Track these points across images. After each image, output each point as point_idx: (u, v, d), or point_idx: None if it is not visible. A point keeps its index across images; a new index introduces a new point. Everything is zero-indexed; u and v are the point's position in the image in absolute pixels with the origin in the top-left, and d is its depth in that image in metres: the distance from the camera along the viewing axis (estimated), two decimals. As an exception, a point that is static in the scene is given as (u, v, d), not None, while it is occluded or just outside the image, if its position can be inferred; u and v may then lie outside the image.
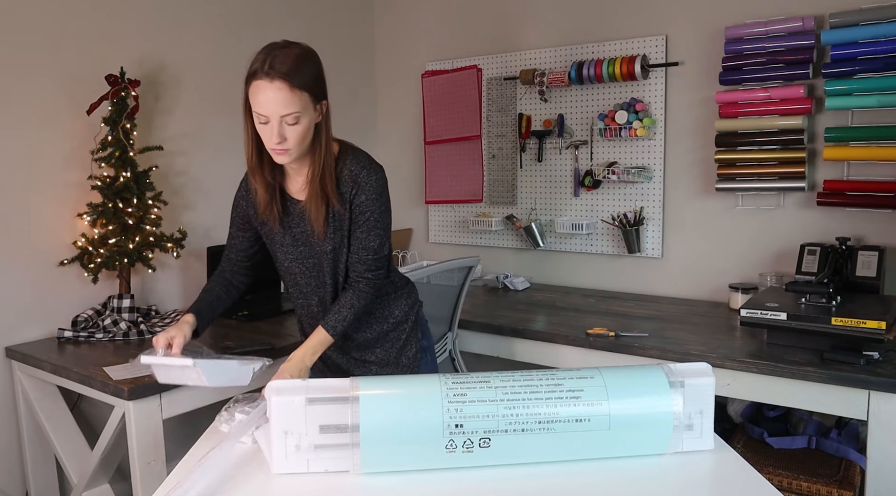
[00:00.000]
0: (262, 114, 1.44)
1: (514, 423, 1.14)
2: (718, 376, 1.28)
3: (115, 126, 2.34)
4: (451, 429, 1.13)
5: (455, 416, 1.13)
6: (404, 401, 1.15)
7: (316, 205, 1.54)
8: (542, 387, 1.18)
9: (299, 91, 1.43)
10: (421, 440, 1.13)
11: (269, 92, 1.42)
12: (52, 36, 2.32)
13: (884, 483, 1.81)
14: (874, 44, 2.24)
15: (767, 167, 2.49)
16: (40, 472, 2.38)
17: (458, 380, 1.19)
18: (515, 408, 1.15)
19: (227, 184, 2.91)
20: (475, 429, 1.13)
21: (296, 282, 1.68)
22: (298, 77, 1.43)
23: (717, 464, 1.22)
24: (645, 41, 2.76)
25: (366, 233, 1.59)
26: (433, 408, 1.13)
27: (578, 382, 1.19)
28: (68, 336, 2.29)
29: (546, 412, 1.15)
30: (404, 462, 1.16)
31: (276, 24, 3.07)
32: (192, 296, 2.79)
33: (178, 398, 1.99)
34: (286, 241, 1.64)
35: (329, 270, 1.63)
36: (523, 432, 1.15)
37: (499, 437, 1.14)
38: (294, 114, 1.43)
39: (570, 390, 1.17)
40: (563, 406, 1.16)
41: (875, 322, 1.86)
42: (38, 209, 2.33)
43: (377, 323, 1.72)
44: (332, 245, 1.60)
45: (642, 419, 1.18)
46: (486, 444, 1.14)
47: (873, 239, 2.38)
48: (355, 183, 1.56)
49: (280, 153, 1.47)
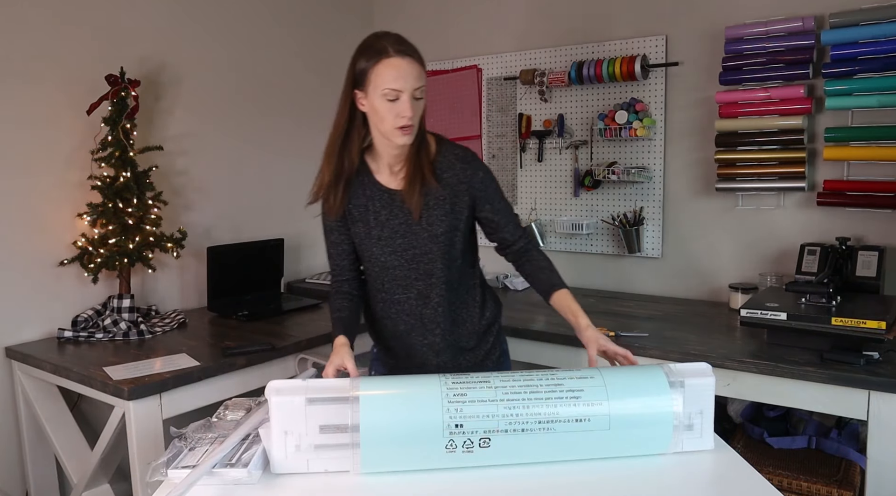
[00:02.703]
0: (396, 89, 1.47)
1: (514, 423, 1.14)
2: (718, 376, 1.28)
3: (115, 126, 2.34)
4: (451, 429, 1.13)
5: (455, 416, 1.13)
6: (404, 402, 1.15)
7: (418, 189, 1.56)
8: (542, 387, 1.18)
9: (423, 68, 1.52)
10: (421, 440, 1.13)
11: (405, 66, 1.47)
12: (53, 36, 2.32)
13: (884, 483, 1.81)
14: (874, 44, 2.24)
15: (767, 167, 2.49)
16: (40, 472, 2.38)
17: (458, 380, 1.19)
18: (515, 408, 1.15)
19: (227, 184, 2.93)
20: (475, 428, 1.13)
21: (393, 276, 1.64)
22: (419, 55, 1.52)
23: (717, 464, 1.22)
24: (645, 41, 2.76)
25: (501, 202, 1.66)
26: (433, 408, 1.13)
27: (578, 382, 1.19)
28: (68, 336, 2.29)
29: (546, 412, 1.15)
30: (404, 462, 1.16)
31: (275, 24, 3.07)
32: (192, 296, 2.80)
33: (179, 398, 1.99)
34: (384, 235, 1.61)
35: (441, 255, 1.61)
36: (523, 432, 1.14)
37: (499, 437, 1.14)
38: (422, 87, 1.51)
39: (570, 390, 1.17)
40: (563, 406, 1.16)
41: (875, 322, 1.86)
42: (38, 209, 2.32)
43: (470, 322, 1.70)
44: (445, 227, 1.60)
45: (642, 419, 1.18)
46: (486, 444, 1.14)
47: (873, 239, 2.37)
48: (468, 163, 1.62)
49: (407, 132, 1.50)
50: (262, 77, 3.03)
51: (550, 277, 1.64)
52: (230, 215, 2.92)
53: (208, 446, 1.24)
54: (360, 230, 1.63)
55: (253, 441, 1.24)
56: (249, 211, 3.01)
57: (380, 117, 1.50)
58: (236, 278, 2.79)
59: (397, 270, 1.63)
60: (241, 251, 2.82)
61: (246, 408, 1.38)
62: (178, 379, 1.97)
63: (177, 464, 1.19)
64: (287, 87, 3.14)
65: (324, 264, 3.37)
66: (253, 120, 3.00)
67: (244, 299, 2.78)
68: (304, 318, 2.62)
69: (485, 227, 1.69)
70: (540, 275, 1.65)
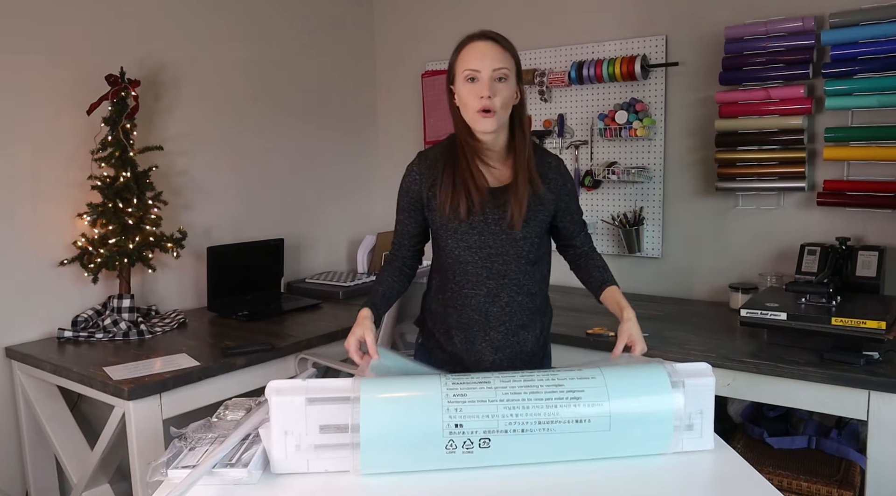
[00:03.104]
0: (474, 69, 1.49)
1: (514, 424, 1.14)
2: (718, 376, 1.28)
3: (115, 126, 2.34)
4: (451, 429, 1.13)
5: (455, 416, 1.13)
6: (404, 403, 1.15)
7: (524, 189, 1.56)
8: (543, 387, 1.18)
9: (509, 54, 1.52)
10: (421, 441, 1.13)
11: (483, 47, 1.50)
12: (52, 36, 2.32)
13: (884, 483, 1.81)
14: (874, 44, 2.24)
15: (767, 167, 2.49)
16: (40, 472, 2.38)
17: (459, 380, 1.19)
18: (515, 408, 1.15)
19: (227, 184, 2.93)
20: (475, 429, 1.13)
21: (465, 270, 1.62)
22: (507, 43, 1.53)
23: (717, 464, 1.22)
24: (645, 41, 2.76)
25: (579, 212, 1.72)
26: (433, 408, 1.13)
27: (579, 383, 1.19)
28: (68, 336, 2.29)
29: (546, 413, 1.15)
30: (404, 463, 1.16)
31: (276, 24, 3.07)
32: (192, 296, 2.80)
33: (179, 398, 1.99)
34: (461, 229, 1.59)
35: (516, 257, 1.60)
36: (523, 433, 1.14)
37: (499, 438, 1.14)
38: (504, 69, 1.50)
39: (571, 391, 1.17)
40: (563, 407, 1.16)
41: (875, 322, 1.86)
42: (38, 209, 2.32)
43: (532, 326, 1.69)
44: (525, 233, 1.60)
45: (643, 419, 1.18)
46: (486, 445, 1.14)
47: (873, 239, 2.37)
48: (560, 174, 1.65)
49: (486, 115, 1.49)
50: (263, 77, 3.03)
51: (604, 275, 1.70)
52: (230, 215, 2.92)
53: (208, 446, 1.24)
54: (436, 219, 1.62)
55: (253, 441, 1.24)
56: (249, 211, 3.01)
57: (463, 103, 1.53)
58: (236, 278, 2.79)
59: (469, 266, 1.61)
60: (241, 251, 2.82)
61: (246, 408, 1.38)
62: (178, 379, 1.97)
63: (177, 464, 1.19)
64: (287, 87, 3.14)
65: (324, 264, 3.37)
66: (253, 120, 3.00)
67: (244, 299, 2.78)
68: (304, 318, 2.62)
69: (558, 234, 1.72)
70: (595, 272, 1.70)
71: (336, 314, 2.68)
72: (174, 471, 1.17)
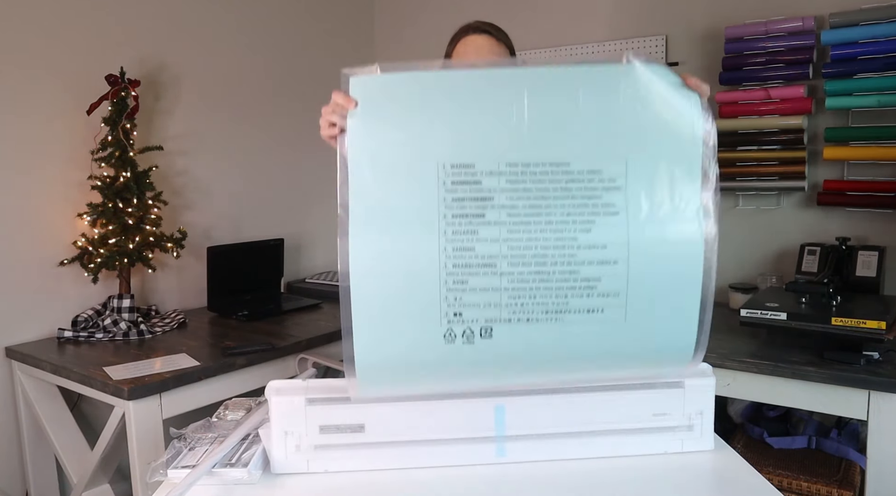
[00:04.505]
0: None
1: (520, 313, 1.05)
2: (718, 376, 1.28)
3: (115, 126, 2.34)
4: (450, 317, 1.05)
5: (454, 305, 1.06)
6: (400, 291, 1.07)
7: None
8: (554, 274, 1.06)
9: (504, 46, 1.54)
10: (417, 325, 1.06)
11: (478, 41, 1.53)
12: (53, 36, 2.32)
13: (884, 483, 1.81)
14: (874, 44, 2.24)
15: (767, 167, 2.49)
16: (40, 472, 2.38)
17: (459, 263, 1.07)
18: (521, 297, 1.06)
19: (227, 184, 2.93)
20: (476, 317, 1.05)
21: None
22: (502, 34, 1.56)
23: (717, 464, 1.22)
24: (644, 41, 2.76)
25: None
26: (431, 294, 1.05)
27: (596, 270, 1.06)
28: (68, 336, 2.29)
29: (555, 302, 1.06)
30: (400, 352, 1.08)
31: (276, 24, 3.07)
32: (192, 296, 2.80)
33: (179, 398, 1.99)
34: None
35: None
36: (528, 322, 1.05)
37: (502, 327, 1.05)
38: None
39: (585, 279, 1.06)
40: (574, 296, 1.06)
41: (875, 322, 1.86)
42: (38, 209, 2.33)
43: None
44: None
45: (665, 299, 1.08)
46: (488, 335, 1.06)
47: (873, 239, 2.37)
48: None
49: None
50: (263, 77, 3.03)
51: None
52: (230, 215, 2.92)
53: (208, 446, 1.24)
54: None
55: (253, 441, 1.24)
56: (249, 211, 3.01)
57: None
58: (236, 278, 2.79)
59: None
60: (241, 251, 2.82)
61: (246, 408, 1.38)
62: (178, 379, 1.97)
63: (177, 464, 1.19)
64: (288, 87, 3.14)
65: (324, 264, 3.37)
66: (253, 119, 3.00)
67: (244, 299, 2.78)
68: (304, 318, 2.62)
69: None
70: None
71: (336, 314, 2.65)
72: (174, 471, 1.17)
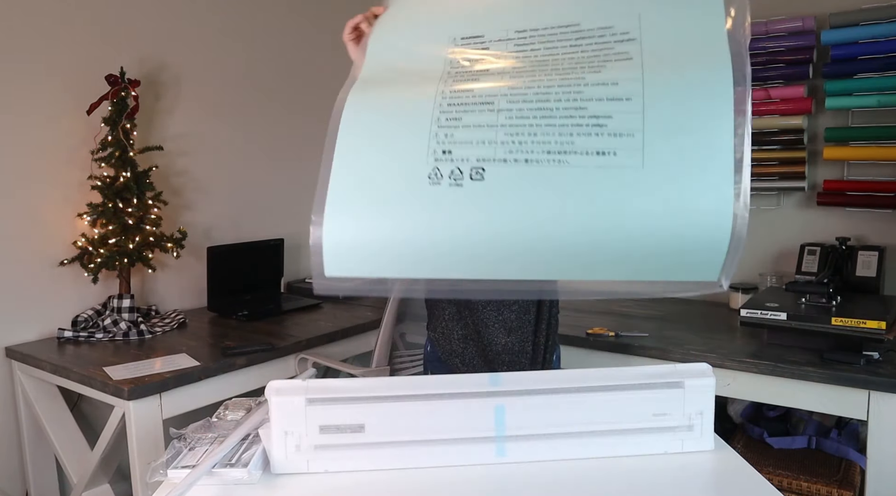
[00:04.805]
0: None
1: (517, 152, 0.90)
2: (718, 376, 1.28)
3: (115, 126, 2.34)
4: (438, 155, 0.92)
5: (443, 142, 0.92)
6: (388, 129, 1.01)
7: None
8: (559, 110, 0.91)
9: None
10: (399, 166, 0.94)
11: None
12: (52, 36, 2.32)
13: (884, 483, 1.81)
14: (874, 44, 2.24)
15: (767, 167, 2.49)
16: (40, 472, 2.38)
17: (455, 102, 0.97)
18: (520, 134, 0.91)
19: (227, 184, 2.93)
20: (466, 156, 0.91)
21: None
22: None
23: (717, 464, 1.22)
24: (645, 41, 2.76)
25: None
26: (421, 129, 0.95)
27: (608, 106, 0.90)
28: (68, 336, 2.29)
29: (558, 140, 0.90)
30: (378, 195, 0.97)
31: (275, 24, 3.07)
32: (192, 296, 2.80)
33: (179, 398, 1.99)
34: None
35: None
36: (527, 163, 0.89)
37: (495, 168, 0.90)
38: None
39: (594, 116, 0.89)
40: (580, 135, 0.89)
41: (875, 322, 1.86)
42: (38, 209, 2.33)
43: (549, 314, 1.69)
44: None
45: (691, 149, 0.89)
46: (479, 176, 0.90)
47: (873, 239, 2.38)
48: None
49: None
50: (263, 77, 3.03)
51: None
52: (230, 215, 2.92)
53: (208, 446, 1.24)
54: None
55: (253, 441, 1.24)
56: (249, 211, 3.01)
57: None
58: (236, 278, 2.79)
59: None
60: (241, 251, 2.82)
61: (246, 408, 1.38)
62: (178, 379, 1.97)
63: (177, 464, 1.19)
64: (288, 87, 3.14)
65: (324, 264, 3.37)
66: (253, 119, 3.00)
67: (244, 299, 2.78)
68: (304, 318, 2.62)
69: None
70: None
71: (336, 314, 2.68)
72: (174, 471, 1.17)
